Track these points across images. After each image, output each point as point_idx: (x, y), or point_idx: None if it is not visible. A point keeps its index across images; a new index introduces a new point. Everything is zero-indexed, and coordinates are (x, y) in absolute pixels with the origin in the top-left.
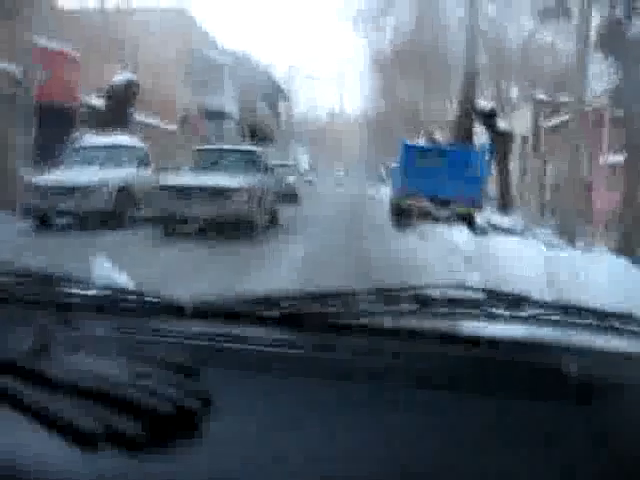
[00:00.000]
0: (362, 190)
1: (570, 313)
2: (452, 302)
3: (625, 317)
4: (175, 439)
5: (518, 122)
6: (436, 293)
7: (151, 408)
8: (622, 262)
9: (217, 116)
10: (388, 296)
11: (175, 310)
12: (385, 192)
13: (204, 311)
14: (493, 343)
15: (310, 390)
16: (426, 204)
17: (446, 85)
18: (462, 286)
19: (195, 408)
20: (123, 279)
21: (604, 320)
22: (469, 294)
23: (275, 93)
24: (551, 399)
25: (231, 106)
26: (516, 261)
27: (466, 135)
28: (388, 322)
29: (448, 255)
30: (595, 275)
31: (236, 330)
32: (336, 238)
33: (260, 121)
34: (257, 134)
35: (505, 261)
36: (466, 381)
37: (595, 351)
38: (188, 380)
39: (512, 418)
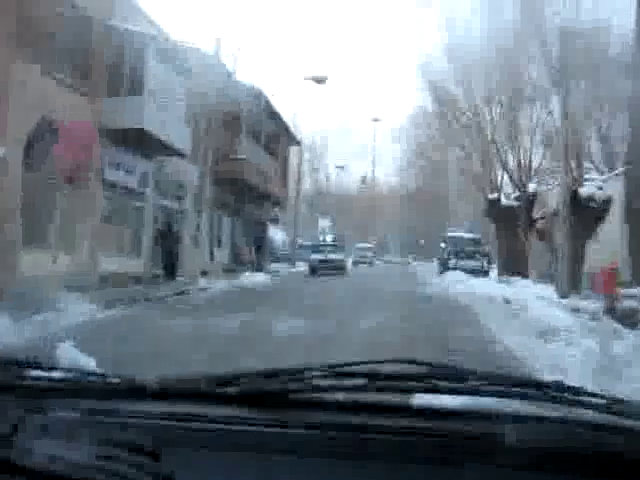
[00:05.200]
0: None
1: (509, 384)
2: (400, 377)
3: (558, 386)
4: None
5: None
6: (385, 368)
7: None
8: None
9: (143, 145)
10: (340, 372)
11: (138, 391)
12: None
13: (164, 391)
14: (439, 414)
15: (270, 466)
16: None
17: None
18: (409, 360)
19: None
20: (87, 361)
21: (540, 389)
22: (416, 369)
23: (280, 133)
24: (494, 465)
25: (180, 133)
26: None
27: None
28: (340, 397)
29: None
30: None
31: (198, 409)
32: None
33: (250, 172)
34: (244, 192)
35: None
36: (415, 451)
37: (532, 418)
38: (151, 461)
39: None
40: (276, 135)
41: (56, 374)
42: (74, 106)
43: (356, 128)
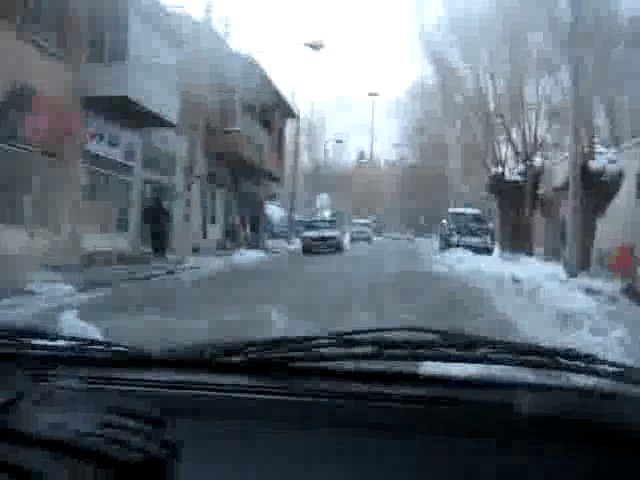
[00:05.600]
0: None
1: (519, 352)
2: (408, 344)
3: (570, 354)
4: None
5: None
6: (392, 336)
7: (120, 458)
8: None
9: (127, 115)
10: (347, 340)
11: (143, 359)
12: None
13: (170, 360)
14: (448, 382)
15: (276, 433)
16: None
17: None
18: (418, 328)
19: (163, 456)
20: (91, 330)
21: (551, 357)
22: (425, 336)
23: (276, 106)
24: (503, 435)
25: (169, 102)
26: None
27: None
28: (348, 365)
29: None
30: None
31: (203, 377)
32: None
33: (244, 145)
34: (238, 166)
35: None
36: (424, 420)
37: (543, 387)
38: (156, 428)
39: (468, 454)
40: (272, 107)
41: (61, 343)
42: (51, 72)
43: (354, 102)
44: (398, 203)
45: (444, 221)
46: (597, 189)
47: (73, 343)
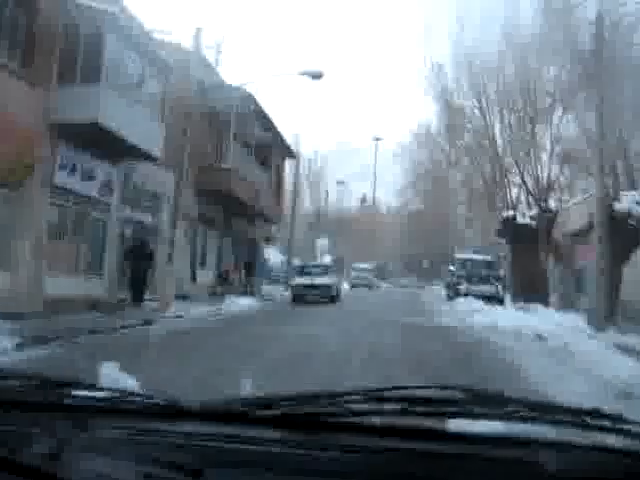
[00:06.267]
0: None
1: (545, 410)
2: (435, 402)
3: (596, 413)
4: None
5: None
6: (420, 393)
7: None
8: None
9: (102, 145)
10: (376, 396)
11: (179, 412)
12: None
13: (206, 412)
14: (475, 440)
15: None
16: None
17: None
18: (444, 386)
19: None
20: (130, 382)
21: (576, 416)
22: (451, 394)
23: (274, 144)
24: None
25: (150, 132)
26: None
27: None
28: (376, 421)
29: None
30: None
31: (237, 431)
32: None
33: (238, 183)
34: (232, 206)
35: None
36: (450, 476)
37: (570, 446)
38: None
39: None
40: (268, 145)
41: (99, 394)
42: (13, 94)
43: (358, 148)
44: (399, 250)
45: (451, 267)
46: (623, 233)
47: (112, 394)
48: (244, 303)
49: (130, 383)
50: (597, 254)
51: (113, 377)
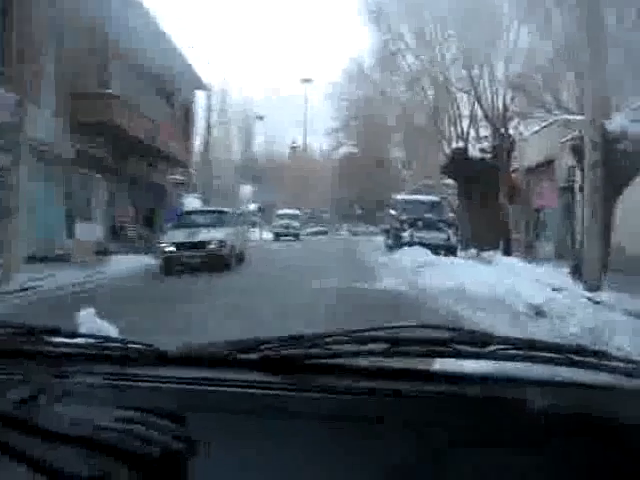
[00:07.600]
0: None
1: (531, 349)
2: (421, 341)
3: (582, 350)
4: None
5: None
6: (405, 333)
7: (138, 452)
8: None
9: None
10: (360, 337)
11: (159, 357)
12: None
13: (187, 357)
14: (461, 379)
15: (290, 429)
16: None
17: None
18: (430, 325)
19: (181, 451)
20: (108, 328)
21: (562, 353)
22: (436, 333)
23: (178, 71)
24: (516, 431)
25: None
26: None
27: None
28: (362, 362)
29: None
30: None
31: (218, 374)
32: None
33: (127, 115)
34: (123, 144)
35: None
36: (437, 416)
37: (556, 383)
38: (173, 424)
39: (480, 450)
40: (171, 73)
41: (78, 340)
42: None
43: (291, 94)
44: (330, 196)
45: (392, 211)
46: (616, 162)
47: (90, 341)
48: (132, 266)
49: (110, 330)
50: (589, 188)
51: (93, 324)
